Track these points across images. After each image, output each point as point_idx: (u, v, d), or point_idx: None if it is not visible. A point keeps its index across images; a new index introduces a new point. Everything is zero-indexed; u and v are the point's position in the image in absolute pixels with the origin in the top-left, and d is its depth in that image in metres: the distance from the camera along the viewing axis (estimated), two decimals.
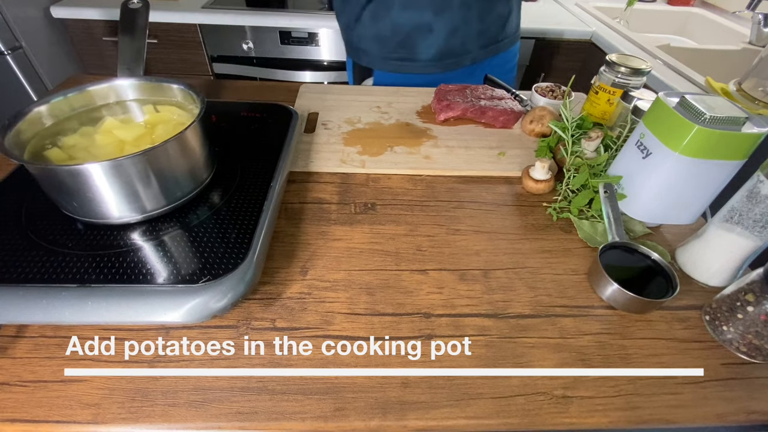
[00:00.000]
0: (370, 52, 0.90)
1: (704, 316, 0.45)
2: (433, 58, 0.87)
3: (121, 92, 0.54)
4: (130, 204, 0.43)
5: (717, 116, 0.44)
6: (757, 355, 0.41)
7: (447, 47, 0.86)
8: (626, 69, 0.66)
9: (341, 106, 0.77)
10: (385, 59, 0.89)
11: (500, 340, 0.41)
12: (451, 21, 0.82)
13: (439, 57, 0.87)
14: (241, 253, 0.42)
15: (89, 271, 0.39)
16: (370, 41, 0.88)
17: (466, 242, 0.52)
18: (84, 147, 0.46)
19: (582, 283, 0.48)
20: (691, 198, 0.50)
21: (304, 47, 1.43)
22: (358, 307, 0.44)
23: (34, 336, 0.40)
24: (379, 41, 0.87)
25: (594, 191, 0.55)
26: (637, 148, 0.51)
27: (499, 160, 0.66)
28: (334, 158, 0.64)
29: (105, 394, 0.36)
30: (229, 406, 0.35)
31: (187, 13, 1.34)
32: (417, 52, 0.86)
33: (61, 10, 1.33)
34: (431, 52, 0.86)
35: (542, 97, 0.77)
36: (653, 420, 0.37)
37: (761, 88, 0.91)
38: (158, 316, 0.37)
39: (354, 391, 0.37)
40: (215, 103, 0.69)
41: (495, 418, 0.36)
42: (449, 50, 0.86)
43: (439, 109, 0.73)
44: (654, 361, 0.41)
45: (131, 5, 0.60)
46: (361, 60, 0.93)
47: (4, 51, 1.21)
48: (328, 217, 0.54)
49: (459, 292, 0.46)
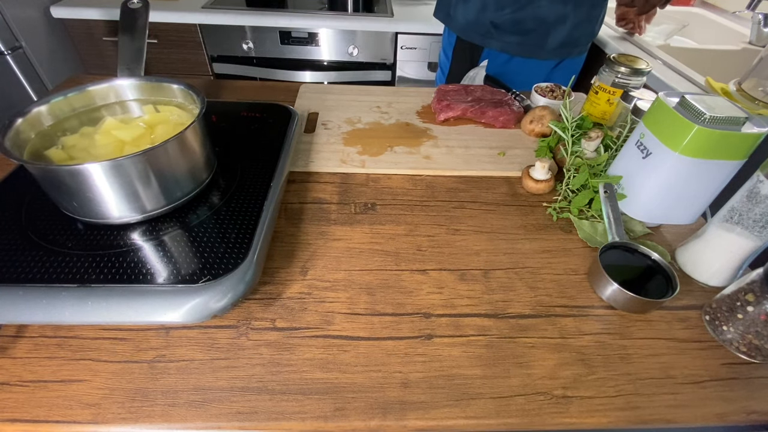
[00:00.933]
0: (501, 35, 0.94)
1: (704, 316, 0.45)
2: (558, 47, 0.95)
3: (121, 92, 0.54)
4: (130, 204, 0.43)
5: (717, 116, 0.44)
6: (757, 355, 0.41)
7: (569, 37, 0.94)
8: (626, 69, 0.66)
9: (341, 106, 0.77)
10: (519, 44, 0.95)
11: (500, 340, 0.41)
12: (582, 13, 0.91)
13: (561, 45, 0.96)
14: (241, 253, 0.42)
15: (89, 271, 0.39)
16: (507, 25, 0.93)
17: (466, 242, 0.52)
18: (84, 147, 0.46)
19: (582, 283, 0.48)
20: (691, 198, 0.50)
21: (304, 47, 1.43)
22: (358, 307, 0.44)
23: (34, 336, 0.40)
24: (516, 25, 0.92)
25: (594, 191, 0.55)
26: (637, 148, 0.51)
27: (499, 160, 0.66)
28: (334, 158, 0.64)
29: (105, 394, 0.36)
30: (229, 406, 0.35)
31: (187, 13, 1.34)
32: (547, 41, 0.94)
33: (61, 10, 1.33)
34: (557, 42, 0.94)
35: (542, 97, 0.77)
36: (653, 420, 0.37)
37: (761, 88, 0.91)
38: (158, 316, 0.37)
39: (354, 391, 0.37)
40: (215, 103, 0.69)
41: (495, 418, 0.36)
42: (571, 40, 0.95)
43: (439, 109, 0.73)
44: (654, 361, 0.41)
45: (131, 5, 0.60)
46: (488, 43, 0.97)
47: (4, 51, 1.21)
48: (328, 217, 0.54)
49: (459, 292, 0.46)
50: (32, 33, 1.29)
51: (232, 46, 1.44)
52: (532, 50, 0.95)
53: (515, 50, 0.96)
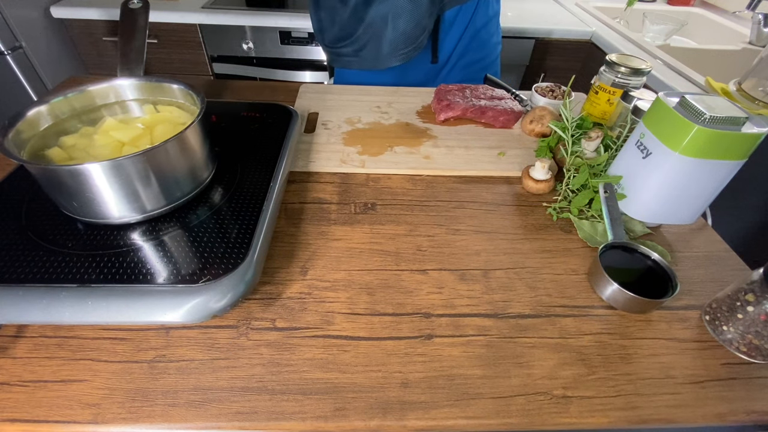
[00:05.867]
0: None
1: (704, 316, 0.45)
2: (389, 53, 0.85)
3: (121, 92, 0.54)
4: (130, 204, 0.43)
5: (717, 116, 0.44)
6: (757, 355, 0.41)
7: (403, 36, 0.82)
8: (626, 69, 0.66)
9: (341, 106, 0.77)
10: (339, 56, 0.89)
11: (500, 340, 0.41)
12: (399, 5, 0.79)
13: (399, 47, 0.84)
14: (241, 253, 0.42)
15: (89, 271, 0.39)
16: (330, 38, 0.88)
17: (466, 242, 0.52)
18: (83, 147, 0.46)
19: (582, 283, 0.48)
20: (691, 198, 0.50)
21: (304, 47, 1.43)
22: (358, 307, 0.44)
23: (34, 336, 0.40)
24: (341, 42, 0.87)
25: (594, 191, 0.55)
26: (637, 148, 0.51)
27: (499, 160, 0.66)
28: (334, 158, 0.64)
29: (105, 394, 0.36)
30: (229, 406, 0.35)
31: (187, 13, 1.34)
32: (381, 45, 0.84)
33: (61, 10, 1.33)
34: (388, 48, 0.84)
35: (542, 97, 0.77)
36: (653, 420, 0.37)
37: (761, 88, 0.91)
38: (158, 316, 0.37)
39: (354, 391, 0.37)
40: (215, 103, 0.69)
41: (495, 418, 0.36)
42: (408, 38, 0.83)
43: (439, 109, 0.73)
44: (654, 361, 0.41)
45: (131, 5, 0.60)
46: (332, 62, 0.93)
47: (4, 51, 1.21)
48: (328, 217, 0.54)
49: (459, 292, 0.46)
50: (32, 33, 1.29)
51: (232, 46, 1.44)
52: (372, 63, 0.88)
53: (356, 65, 0.90)
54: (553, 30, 1.38)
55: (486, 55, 0.95)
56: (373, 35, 0.83)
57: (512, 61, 1.43)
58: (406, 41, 0.83)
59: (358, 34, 0.85)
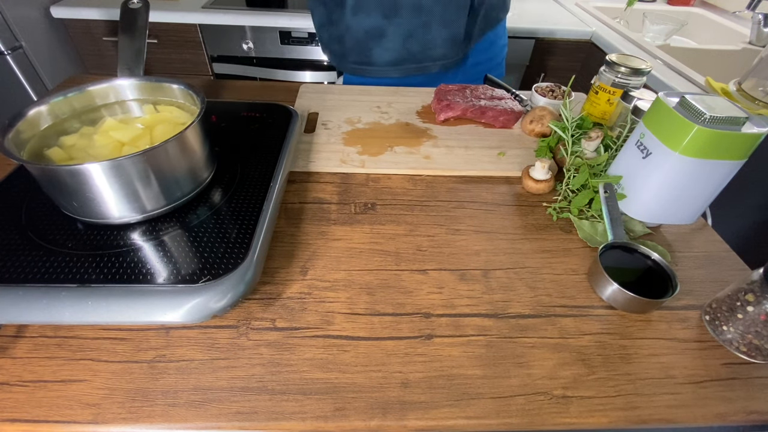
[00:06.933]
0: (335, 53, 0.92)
1: (704, 316, 0.45)
2: (389, 63, 0.87)
3: (121, 92, 0.54)
4: (130, 204, 0.43)
5: (717, 116, 0.44)
6: (757, 355, 0.41)
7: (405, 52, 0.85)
8: (626, 69, 0.66)
9: (341, 106, 0.77)
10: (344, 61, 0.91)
11: (500, 340, 0.41)
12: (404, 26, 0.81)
13: (397, 62, 0.87)
14: (241, 253, 0.42)
15: (89, 271, 0.39)
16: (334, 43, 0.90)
17: (466, 242, 0.52)
18: (83, 147, 0.46)
19: (582, 283, 0.48)
20: (691, 198, 0.50)
21: (304, 47, 1.43)
22: (358, 307, 0.44)
23: (34, 336, 0.40)
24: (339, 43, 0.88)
25: (594, 191, 0.55)
26: (637, 148, 0.51)
27: (499, 160, 0.66)
28: (334, 158, 0.64)
29: (105, 394, 0.36)
30: (228, 406, 0.35)
31: (187, 13, 1.34)
32: (372, 56, 0.86)
33: (61, 10, 1.33)
34: (387, 57, 0.86)
35: (542, 97, 0.77)
36: (653, 420, 0.37)
37: (761, 88, 0.91)
38: (158, 316, 0.37)
39: (354, 391, 0.37)
40: (215, 103, 0.69)
41: (495, 418, 0.36)
42: (409, 55, 0.86)
43: (439, 109, 0.73)
44: (654, 361, 0.41)
45: (131, 5, 0.60)
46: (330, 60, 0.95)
47: (4, 51, 1.21)
48: (328, 217, 0.54)
49: (459, 292, 0.46)
50: (32, 33, 1.29)
51: (232, 46, 1.44)
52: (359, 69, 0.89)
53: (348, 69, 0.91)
54: (553, 30, 1.38)
55: (492, 56, 0.96)
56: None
57: (512, 61, 1.43)
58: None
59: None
